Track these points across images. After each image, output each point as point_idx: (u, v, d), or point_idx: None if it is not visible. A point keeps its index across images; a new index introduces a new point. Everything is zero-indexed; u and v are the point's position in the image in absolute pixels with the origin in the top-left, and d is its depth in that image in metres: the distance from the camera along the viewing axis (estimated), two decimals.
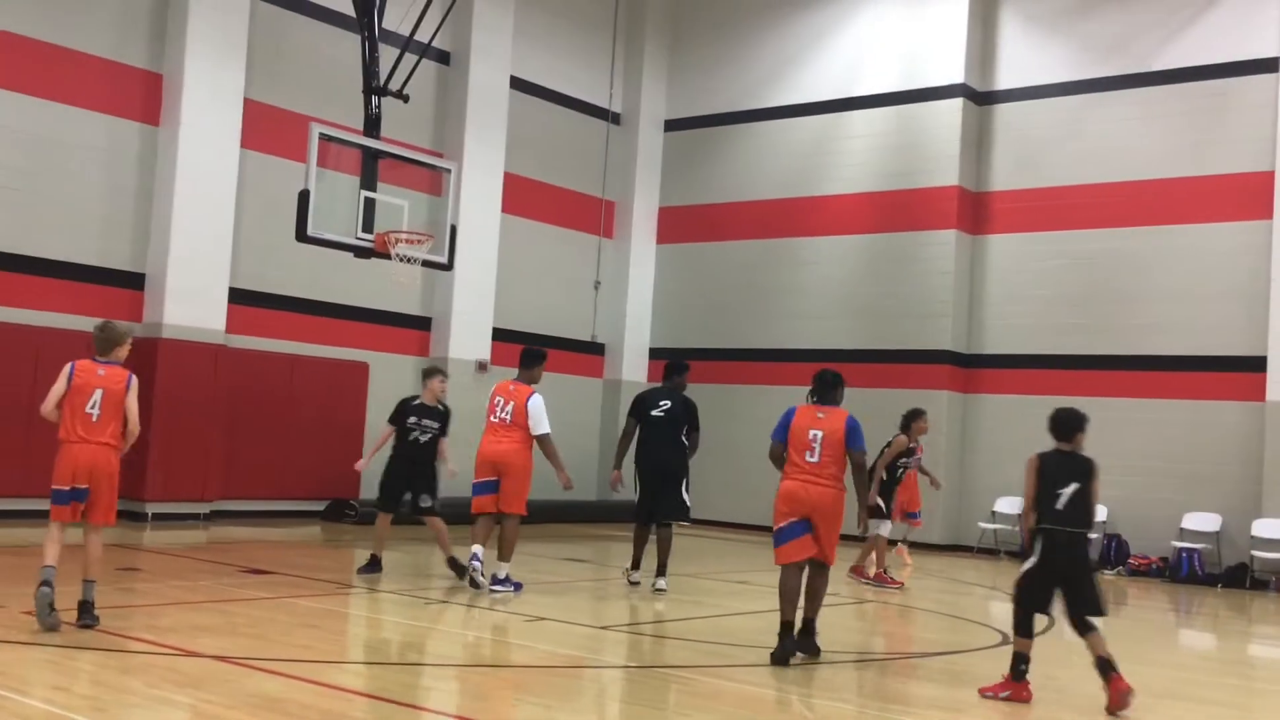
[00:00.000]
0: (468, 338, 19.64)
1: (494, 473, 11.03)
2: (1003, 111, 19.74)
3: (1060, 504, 7.48)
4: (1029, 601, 7.61)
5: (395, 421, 11.82)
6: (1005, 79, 19.75)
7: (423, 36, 15.41)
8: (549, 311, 21.53)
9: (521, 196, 20.80)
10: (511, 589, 10.97)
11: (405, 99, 14.81)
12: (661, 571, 11.66)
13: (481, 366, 19.78)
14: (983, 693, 7.62)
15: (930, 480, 15.56)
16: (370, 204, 13.95)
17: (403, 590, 10.93)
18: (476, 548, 10.88)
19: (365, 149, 14.16)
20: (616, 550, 15.93)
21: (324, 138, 13.52)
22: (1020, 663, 7.56)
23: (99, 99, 15.77)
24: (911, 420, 13.74)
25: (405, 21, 15.32)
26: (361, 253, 14.12)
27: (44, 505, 8.30)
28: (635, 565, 12.02)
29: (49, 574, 7.86)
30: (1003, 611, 12.73)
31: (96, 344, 8.32)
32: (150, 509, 15.60)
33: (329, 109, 16.57)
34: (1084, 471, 7.53)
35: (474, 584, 10.82)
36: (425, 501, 11.77)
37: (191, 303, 16.16)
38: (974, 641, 10.06)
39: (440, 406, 11.87)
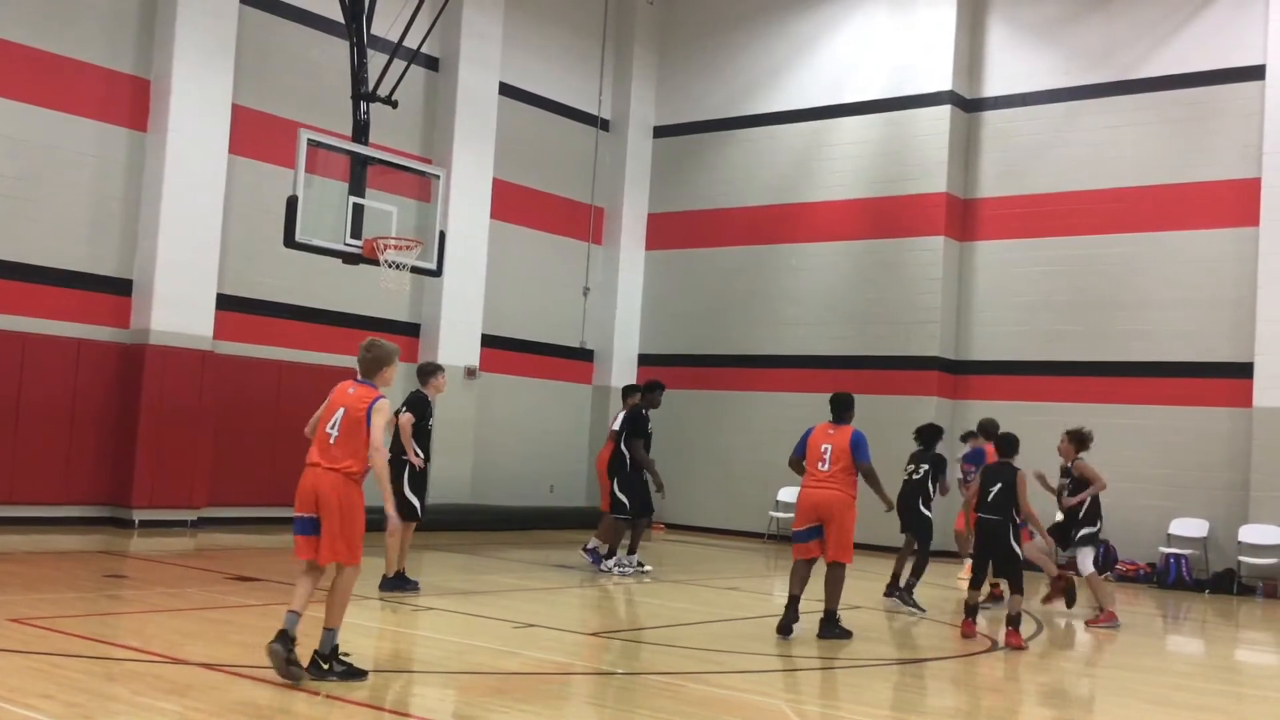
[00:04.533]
0: (457, 344, 19.60)
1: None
2: (991, 119, 19.80)
3: (990, 498, 10.28)
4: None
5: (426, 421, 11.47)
6: (993, 86, 19.81)
7: (411, 42, 15.40)
8: (538, 317, 21.53)
9: (510, 202, 20.80)
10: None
11: (394, 105, 14.79)
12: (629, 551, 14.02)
13: (470, 372, 19.75)
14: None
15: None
16: (359, 210, 13.94)
17: (390, 597, 10.89)
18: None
19: (354, 155, 14.14)
20: None
21: (312, 143, 13.50)
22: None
23: (87, 105, 15.73)
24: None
25: (394, 27, 15.31)
26: (350, 259, 14.10)
27: (25, 512, 7.96)
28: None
29: (287, 621, 6.96)
30: (995, 618, 12.75)
31: (360, 365, 7.32)
32: (137, 516, 15.55)
33: (317, 115, 16.56)
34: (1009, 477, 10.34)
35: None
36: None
37: (179, 309, 16.10)
38: (966, 647, 10.06)
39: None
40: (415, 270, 14.56)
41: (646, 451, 13.81)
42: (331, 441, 7.02)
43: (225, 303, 16.80)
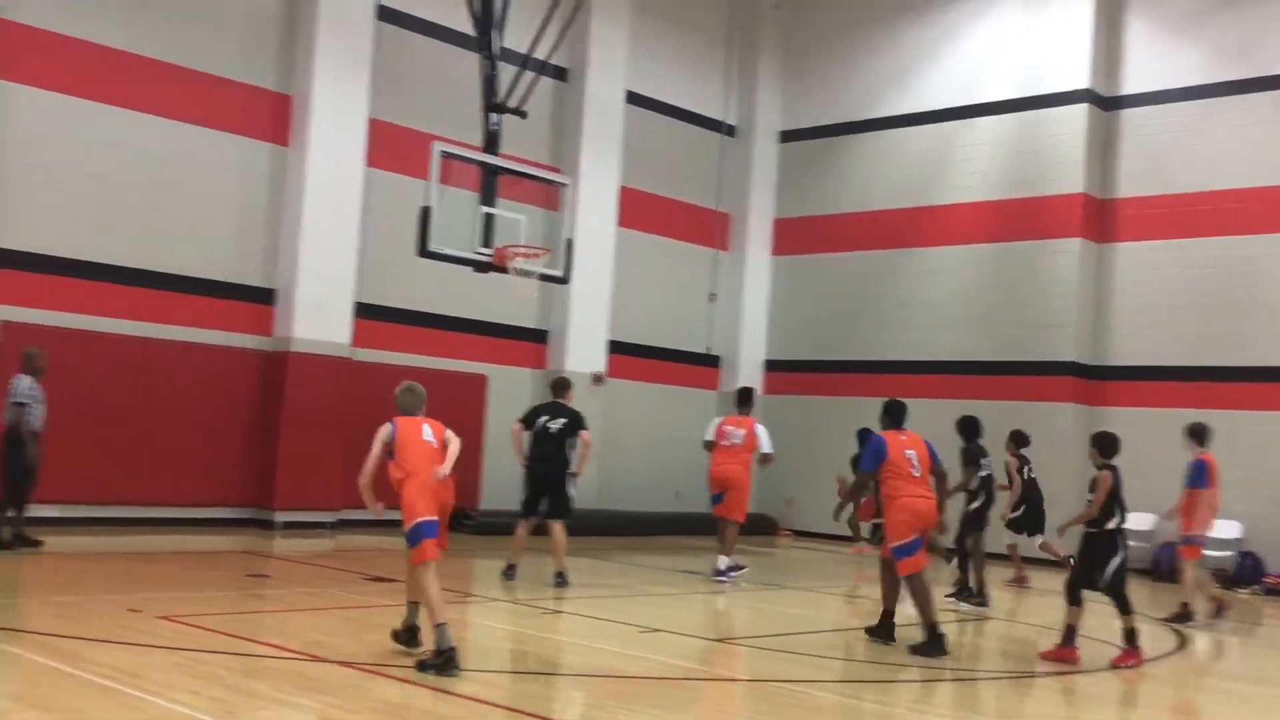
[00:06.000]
0: (584, 350, 19.81)
1: (721, 487, 13.86)
2: (1129, 117, 19.24)
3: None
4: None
5: None
6: (1131, 84, 19.25)
7: (540, 53, 15.61)
8: (664, 324, 21.62)
9: (637, 210, 20.93)
10: (728, 577, 13.52)
11: (523, 115, 15.01)
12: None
13: (597, 379, 19.93)
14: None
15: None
16: (489, 219, 14.20)
17: (520, 599, 11.06)
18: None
19: (484, 165, 14.41)
20: None
21: (445, 155, 13.78)
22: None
23: (231, 120, 16.32)
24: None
25: (523, 39, 15.56)
26: (481, 267, 14.37)
27: (174, 514, 8.30)
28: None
29: (440, 637, 7.36)
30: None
31: (410, 403, 7.99)
32: (279, 518, 16.06)
33: (449, 126, 16.89)
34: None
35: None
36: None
37: (319, 317, 16.59)
38: (1093, 661, 9.81)
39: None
40: (544, 278, 14.76)
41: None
42: (436, 446, 7.78)
43: (362, 311, 17.25)
